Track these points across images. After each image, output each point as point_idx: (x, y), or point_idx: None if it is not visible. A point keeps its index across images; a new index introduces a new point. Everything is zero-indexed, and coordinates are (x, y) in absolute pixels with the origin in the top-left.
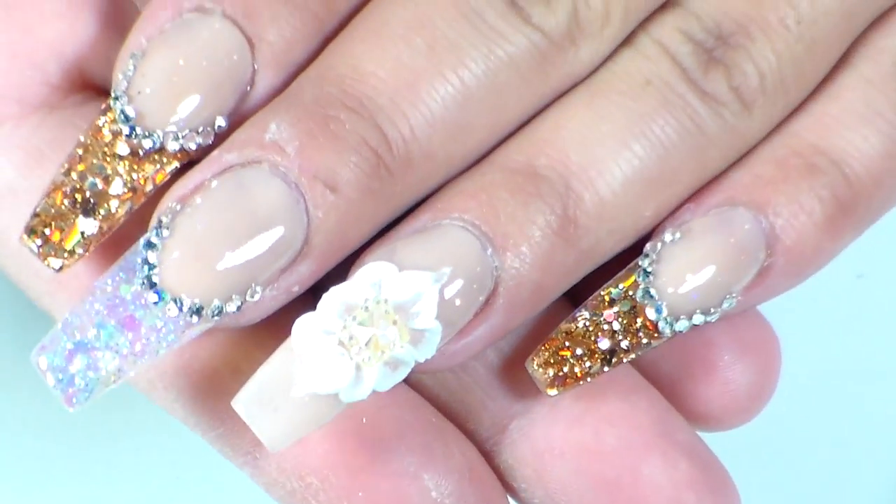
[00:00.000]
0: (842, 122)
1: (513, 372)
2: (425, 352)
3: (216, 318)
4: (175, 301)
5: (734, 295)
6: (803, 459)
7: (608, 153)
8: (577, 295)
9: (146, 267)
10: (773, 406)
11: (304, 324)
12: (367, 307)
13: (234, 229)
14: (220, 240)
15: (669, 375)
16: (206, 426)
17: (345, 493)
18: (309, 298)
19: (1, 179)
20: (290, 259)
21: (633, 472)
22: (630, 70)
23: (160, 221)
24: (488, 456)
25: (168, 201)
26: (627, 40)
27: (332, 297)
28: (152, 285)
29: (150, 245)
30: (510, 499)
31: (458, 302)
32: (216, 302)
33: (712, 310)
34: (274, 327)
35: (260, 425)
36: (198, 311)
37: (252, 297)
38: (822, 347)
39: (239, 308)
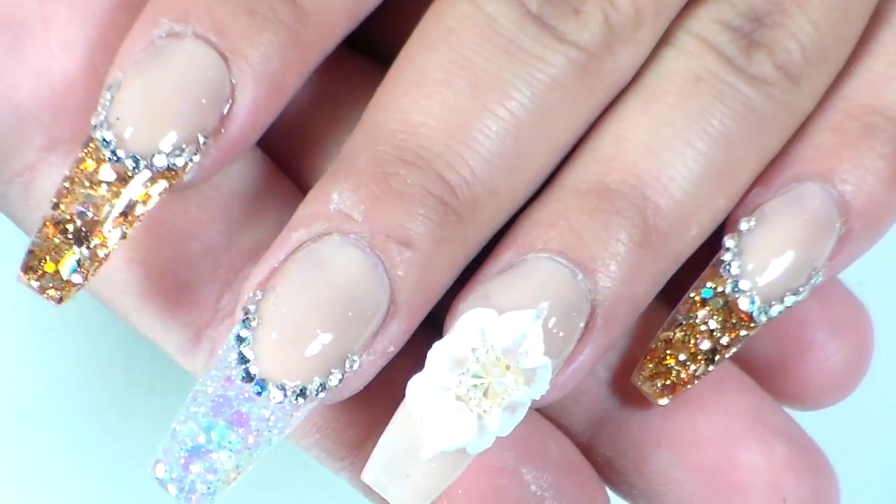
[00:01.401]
0: (888, 77)
1: (605, 368)
2: (539, 388)
3: (321, 394)
4: (278, 387)
5: (819, 268)
6: None
7: (675, 156)
8: (664, 292)
9: (242, 361)
10: None
11: (417, 384)
12: (477, 357)
13: (320, 305)
14: (309, 318)
15: (765, 357)
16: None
17: (446, 491)
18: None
19: None
20: (380, 323)
21: (731, 459)
22: (677, 69)
23: (247, 311)
24: (585, 449)
25: (248, 291)
26: (666, 39)
27: (440, 353)
28: (251, 378)
29: (240, 339)
30: (610, 490)
31: (561, 333)
32: (318, 380)
33: (801, 288)
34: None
35: (395, 494)
36: (302, 393)
37: (351, 367)
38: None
39: (340, 381)
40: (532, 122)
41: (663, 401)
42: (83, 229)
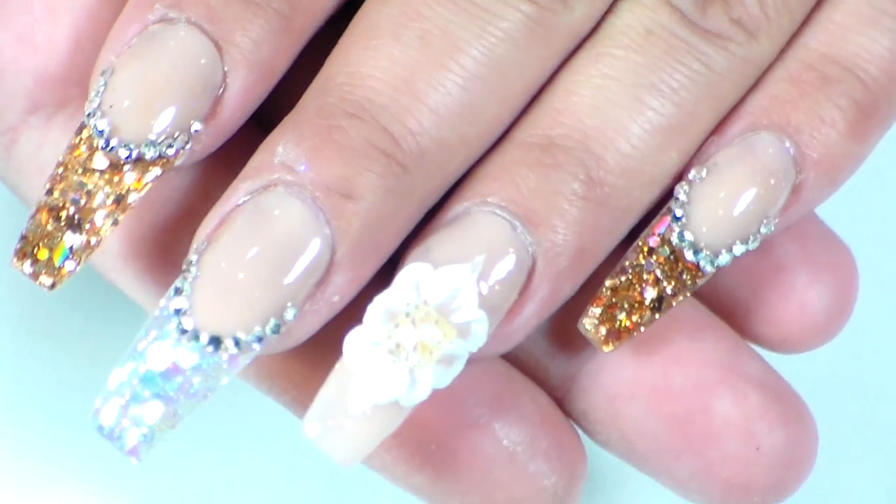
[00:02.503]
0: (848, 27)
1: (576, 322)
2: (476, 342)
3: (257, 344)
4: (211, 339)
5: (771, 218)
6: None
7: (622, 111)
8: None
9: (176, 313)
10: None
11: (352, 339)
12: (407, 312)
13: (258, 257)
14: (246, 269)
15: (744, 303)
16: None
17: (417, 446)
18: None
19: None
20: (322, 274)
21: (704, 409)
22: (630, 22)
23: (189, 262)
24: (560, 402)
25: (195, 242)
26: None
27: (375, 307)
28: (184, 331)
29: (177, 290)
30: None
31: (498, 286)
32: (255, 329)
33: (751, 238)
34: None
35: (330, 446)
36: (237, 345)
37: (289, 317)
38: (819, 354)
39: (277, 331)
40: (482, 75)
41: (607, 348)
42: (76, 216)
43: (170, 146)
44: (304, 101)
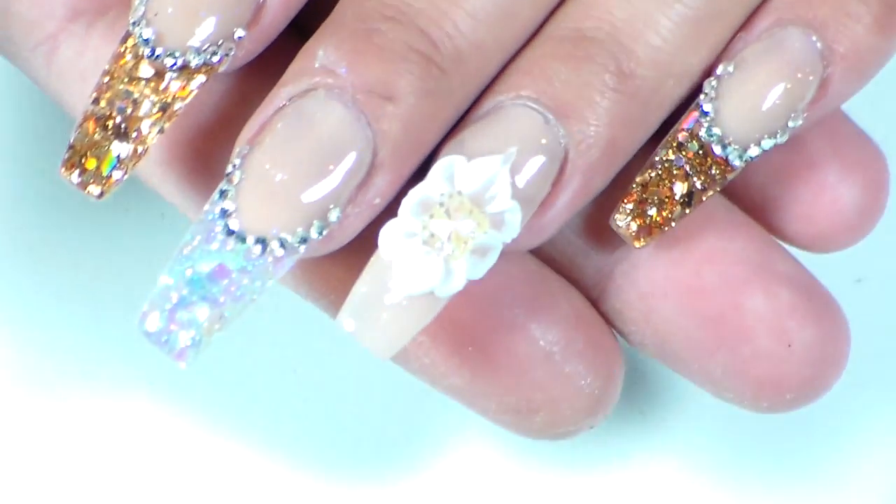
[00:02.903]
0: None
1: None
2: (510, 232)
3: (302, 246)
4: (258, 240)
5: (799, 111)
6: (801, 464)
7: (651, 4)
8: None
9: (222, 215)
10: None
11: (387, 231)
12: (441, 202)
13: (301, 159)
14: (289, 171)
15: (776, 201)
16: (318, 292)
17: (455, 348)
18: None
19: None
20: (364, 176)
21: (736, 307)
22: None
23: (233, 165)
24: (595, 302)
25: (237, 146)
26: None
27: (410, 199)
28: (232, 231)
29: (222, 193)
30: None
31: (531, 178)
32: (299, 232)
33: (779, 132)
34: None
35: (366, 337)
36: (282, 245)
37: (333, 218)
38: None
39: (321, 232)
40: None
41: (639, 244)
42: (123, 125)
43: (214, 53)
44: (341, 5)
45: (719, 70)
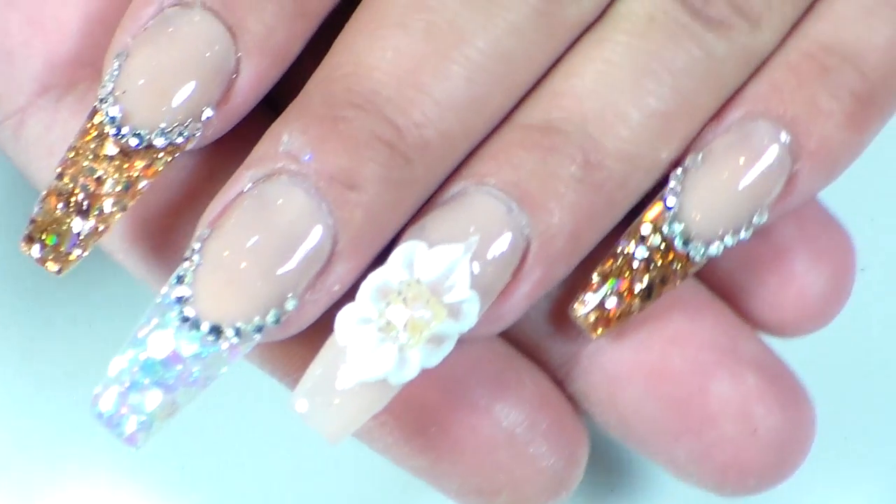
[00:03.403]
0: (847, 17)
1: None
2: (467, 322)
3: (257, 334)
4: (212, 328)
5: (764, 207)
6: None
7: (622, 96)
8: None
9: (178, 301)
10: None
11: (344, 315)
12: (399, 290)
13: (260, 247)
14: (249, 260)
15: (743, 286)
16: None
17: (418, 428)
18: None
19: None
20: (323, 263)
21: (702, 391)
22: (633, 8)
23: (192, 250)
24: (561, 384)
25: (198, 229)
26: None
27: (368, 284)
28: (185, 319)
29: (179, 279)
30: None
31: (491, 267)
32: (256, 319)
33: (743, 229)
34: None
35: (317, 420)
36: (237, 333)
37: (290, 307)
38: (823, 342)
39: (278, 320)
40: (488, 67)
41: (596, 334)
42: (85, 202)
43: (181, 134)
44: (309, 89)
45: (687, 161)
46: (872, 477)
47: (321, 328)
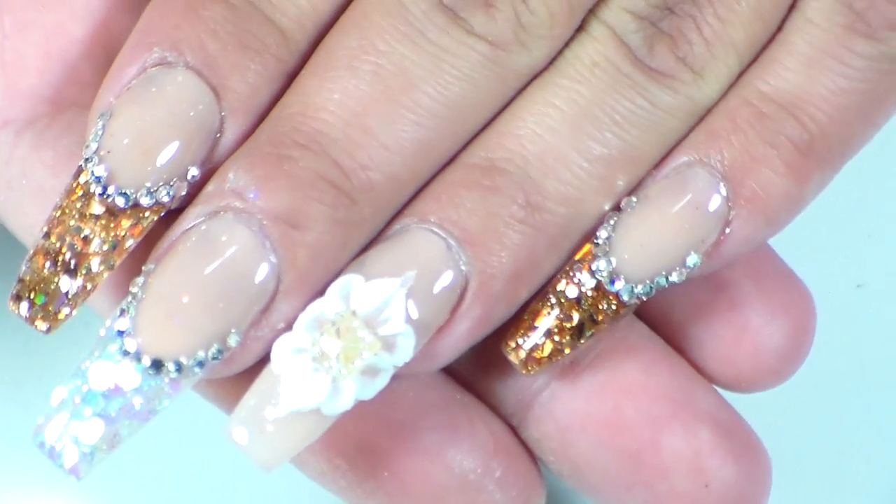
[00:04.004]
0: (789, 67)
1: None
2: (402, 356)
3: (198, 369)
4: (153, 363)
5: (699, 253)
6: (803, 468)
7: (563, 140)
8: None
9: (119, 335)
10: (773, 415)
11: (279, 345)
12: (333, 321)
13: (202, 282)
14: (191, 295)
15: (698, 340)
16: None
17: (370, 471)
18: None
19: (32, 178)
20: (267, 301)
21: (655, 444)
22: (579, 55)
23: (136, 283)
24: (516, 430)
25: (146, 265)
26: (582, 25)
27: (305, 315)
28: (126, 353)
29: (122, 312)
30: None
31: (428, 303)
32: (198, 354)
33: (675, 272)
34: None
35: (251, 448)
36: (178, 369)
37: (232, 343)
38: (821, 357)
39: (219, 357)
40: (437, 112)
41: (527, 372)
42: (72, 262)
43: (167, 193)
44: (259, 129)
45: (623, 204)
46: None
47: (265, 363)
